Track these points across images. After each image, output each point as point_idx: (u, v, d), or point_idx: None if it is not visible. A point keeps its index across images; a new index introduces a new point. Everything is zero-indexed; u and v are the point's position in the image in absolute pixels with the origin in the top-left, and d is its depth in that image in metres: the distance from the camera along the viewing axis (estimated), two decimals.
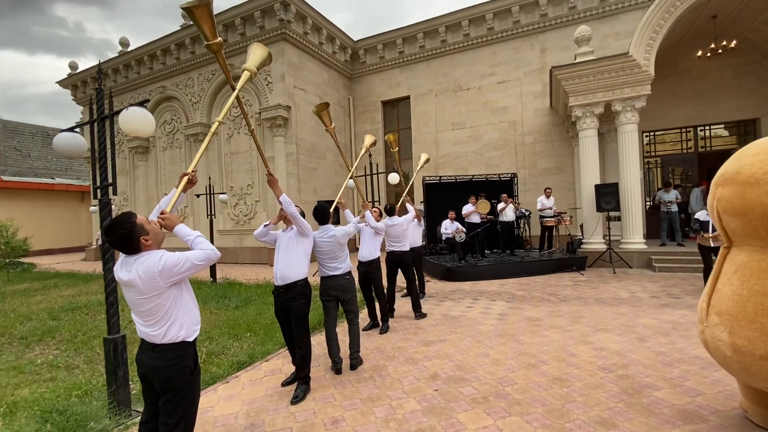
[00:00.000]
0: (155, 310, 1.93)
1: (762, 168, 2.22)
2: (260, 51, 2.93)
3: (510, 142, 13.24)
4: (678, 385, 3.25)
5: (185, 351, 2.01)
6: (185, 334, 2.00)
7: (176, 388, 1.97)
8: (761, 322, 2.19)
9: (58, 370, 4.23)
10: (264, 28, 12.53)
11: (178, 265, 1.92)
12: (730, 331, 2.33)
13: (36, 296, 8.54)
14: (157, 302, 1.92)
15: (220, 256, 2.08)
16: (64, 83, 17.95)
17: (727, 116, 11.03)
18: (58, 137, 3.39)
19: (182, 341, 2.00)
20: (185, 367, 1.99)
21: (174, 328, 1.97)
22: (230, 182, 13.74)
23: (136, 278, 1.88)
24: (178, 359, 1.97)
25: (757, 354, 2.19)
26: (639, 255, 9.04)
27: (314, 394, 3.41)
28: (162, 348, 1.96)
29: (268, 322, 5.41)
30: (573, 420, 2.78)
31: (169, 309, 1.96)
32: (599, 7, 11.91)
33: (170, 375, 1.95)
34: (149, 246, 1.96)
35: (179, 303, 2.00)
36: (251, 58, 2.91)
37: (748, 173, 2.28)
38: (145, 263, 1.89)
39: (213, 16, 2.39)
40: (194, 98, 14.38)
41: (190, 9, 2.29)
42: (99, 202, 3.22)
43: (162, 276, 1.88)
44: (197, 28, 2.42)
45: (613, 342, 4.33)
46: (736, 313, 2.31)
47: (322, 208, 3.90)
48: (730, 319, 2.34)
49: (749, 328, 2.23)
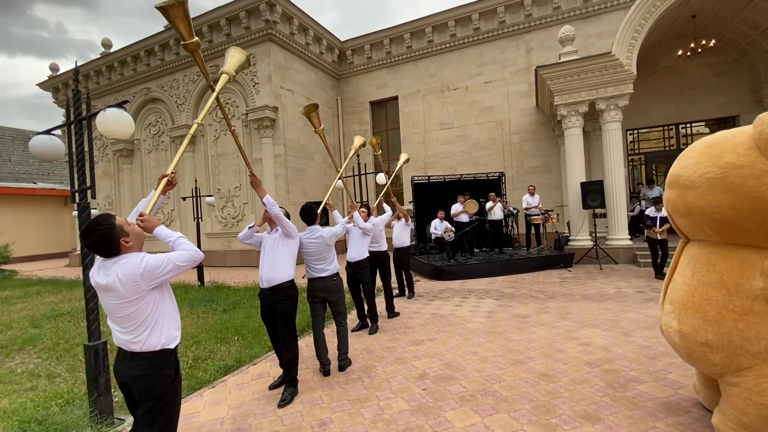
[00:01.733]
0: (135, 315, 1.85)
1: (696, 171, 2.30)
2: (238, 54, 2.90)
3: (497, 141, 13.34)
4: (661, 378, 3.30)
5: (166, 359, 1.93)
6: (165, 340, 1.92)
7: (156, 398, 1.89)
8: (704, 311, 2.30)
9: (39, 379, 4.13)
10: (250, 28, 12.42)
11: (160, 267, 1.84)
12: (678, 318, 2.45)
13: (17, 304, 8.32)
14: (137, 306, 1.84)
15: (203, 257, 2.01)
16: (44, 85, 17.54)
17: (707, 114, 11.28)
18: (34, 140, 3.30)
19: (163, 349, 1.91)
20: (165, 376, 1.91)
21: (154, 334, 1.89)
22: (217, 184, 13.58)
23: (115, 282, 1.80)
24: (157, 368, 1.89)
25: (698, 341, 2.32)
26: (624, 251, 9.18)
27: (302, 396, 3.38)
28: (141, 356, 1.88)
29: (256, 326, 5.35)
30: (559, 415, 2.81)
31: (150, 314, 1.88)
32: (582, 7, 12.08)
33: (150, 384, 1.88)
34: (130, 248, 1.89)
35: (160, 307, 1.92)
36: (229, 61, 2.88)
37: (685, 176, 2.38)
38: (125, 265, 1.82)
39: (189, 16, 2.35)
40: (179, 100, 14.18)
41: (165, 8, 2.25)
42: (77, 206, 3.15)
43: (144, 278, 1.81)
44: (174, 28, 2.38)
45: (599, 337, 4.39)
46: (684, 302, 2.43)
47: (310, 208, 3.87)
48: (679, 308, 2.46)
49: (694, 316, 2.35)
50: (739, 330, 2.17)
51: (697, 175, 2.29)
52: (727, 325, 2.21)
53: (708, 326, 2.28)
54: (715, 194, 2.21)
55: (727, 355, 2.23)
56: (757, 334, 2.13)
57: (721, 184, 2.17)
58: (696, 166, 2.32)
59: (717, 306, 2.26)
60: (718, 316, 2.24)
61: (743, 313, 2.17)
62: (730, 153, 2.16)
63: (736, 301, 2.20)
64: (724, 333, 2.21)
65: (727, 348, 2.21)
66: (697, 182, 2.29)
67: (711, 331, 2.26)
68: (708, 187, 2.24)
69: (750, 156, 2.08)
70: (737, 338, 2.18)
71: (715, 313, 2.26)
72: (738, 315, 2.18)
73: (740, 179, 2.09)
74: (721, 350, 2.24)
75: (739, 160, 2.11)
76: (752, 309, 2.15)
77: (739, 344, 2.18)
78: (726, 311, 2.22)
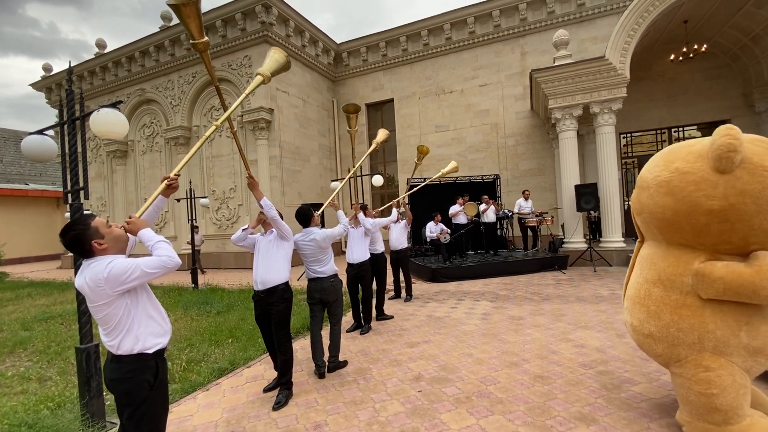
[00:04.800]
0: (107, 319, 1.81)
1: (652, 173, 2.49)
2: (278, 56, 2.74)
3: (492, 144, 13.41)
4: (655, 379, 3.32)
5: (144, 364, 1.86)
6: (143, 346, 1.86)
7: (134, 403, 1.84)
8: (647, 305, 2.50)
9: (30, 383, 4.07)
10: (245, 30, 12.40)
11: (126, 273, 1.76)
12: (630, 312, 2.66)
13: (8, 306, 8.22)
14: (106, 312, 1.79)
15: (179, 264, 1.92)
16: (37, 86, 17.39)
17: (699, 118, 11.42)
18: (26, 140, 3.26)
19: (140, 353, 1.85)
20: (143, 381, 1.85)
21: (128, 339, 1.83)
22: (212, 186, 13.51)
23: (84, 285, 1.77)
24: (134, 372, 1.84)
25: (644, 333, 2.52)
26: (618, 253, 9.24)
27: (297, 399, 3.36)
28: (120, 359, 1.84)
29: (250, 328, 5.32)
30: (554, 417, 2.82)
31: (122, 319, 1.82)
32: (577, 11, 12.20)
33: (127, 389, 1.83)
34: (104, 250, 1.84)
35: (134, 314, 1.85)
36: (267, 62, 2.73)
37: (643, 178, 2.57)
38: (93, 269, 1.77)
39: (200, 15, 2.33)
40: (174, 101, 14.11)
41: (177, 7, 2.20)
42: (70, 206, 3.12)
43: (108, 284, 1.74)
44: (184, 27, 2.34)
45: (594, 339, 4.41)
46: (634, 298, 2.63)
47: (305, 211, 3.86)
48: (630, 303, 2.66)
49: (640, 310, 2.55)
50: (675, 322, 2.35)
51: (651, 177, 2.48)
52: (665, 318, 2.39)
53: (651, 319, 2.47)
54: (661, 196, 2.38)
55: (667, 345, 2.41)
56: (690, 326, 2.30)
57: (667, 186, 2.35)
58: (654, 169, 2.50)
59: (657, 301, 2.45)
60: (657, 309, 2.44)
61: (678, 306, 2.35)
62: (682, 160, 2.33)
63: (672, 296, 2.39)
64: (663, 325, 2.40)
65: (666, 339, 2.40)
66: (650, 183, 2.48)
67: (653, 323, 2.46)
68: (657, 189, 2.42)
69: (696, 164, 2.25)
70: (674, 330, 2.36)
71: (655, 307, 2.45)
72: (673, 308, 2.37)
73: (683, 184, 2.27)
74: (662, 341, 2.43)
75: (686, 167, 2.28)
76: (685, 303, 2.33)
77: (675, 335, 2.36)
78: (664, 305, 2.41)
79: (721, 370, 2.23)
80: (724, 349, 2.24)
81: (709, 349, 2.27)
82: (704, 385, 2.26)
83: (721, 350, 2.25)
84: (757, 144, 2.19)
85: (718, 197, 2.14)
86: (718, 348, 2.25)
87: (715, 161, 2.14)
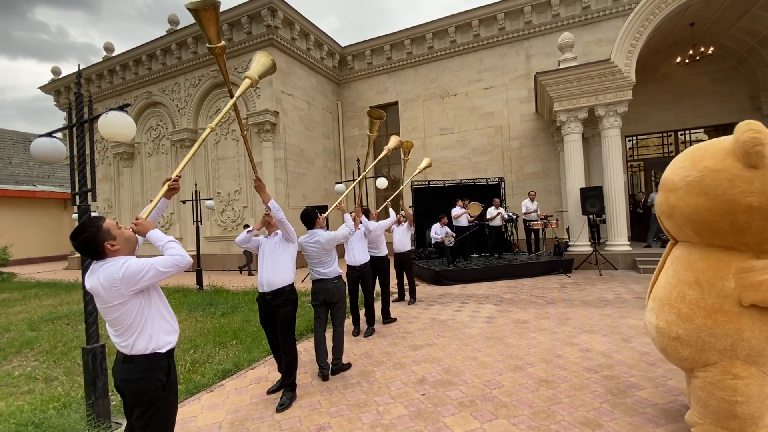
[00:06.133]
0: (120, 320, 1.83)
1: (679, 174, 2.42)
2: (264, 59, 2.82)
3: (497, 146, 13.39)
4: (661, 384, 3.29)
5: (157, 363, 1.89)
6: (155, 345, 1.88)
7: (147, 403, 1.86)
8: (678, 307, 2.41)
9: (36, 382, 4.11)
10: (251, 33, 12.50)
11: (140, 272, 1.79)
12: (657, 314, 2.56)
13: (15, 306, 8.30)
14: (121, 311, 1.81)
15: (190, 263, 1.95)
16: (46, 89, 17.61)
17: (706, 121, 11.33)
18: (35, 142, 3.31)
19: (153, 353, 1.88)
20: (156, 381, 1.88)
21: (142, 339, 1.86)
22: (217, 188, 13.59)
23: (97, 286, 1.78)
24: (148, 372, 1.87)
25: (671, 335, 2.43)
26: (624, 257, 9.18)
27: (300, 401, 3.36)
28: (132, 359, 1.86)
29: (254, 329, 5.33)
30: (559, 421, 2.80)
31: (136, 319, 1.84)
32: (582, 14, 12.17)
33: (140, 388, 1.86)
34: (117, 251, 1.86)
35: (147, 313, 1.88)
36: (253, 66, 2.82)
37: (670, 179, 2.50)
38: (107, 270, 1.79)
39: (219, 20, 2.34)
40: (180, 104, 14.23)
41: (196, 11, 2.21)
42: (78, 208, 3.16)
43: (123, 284, 1.77)
44: (201, 30, 2.35)
45: (599, 343, 4.37)
46: (664, 299, 2.53)
47: (309, 212, 3.88)
48: (659, 304, 2.56)
49: (669, 312, 2.46)
50: (707, 327, 2.27)
51: (679, 178, 2.40)
52: (697, 321, 2.30)
53: (680, 322, 2.38)
54: (693, 196, 2.30)
55: (695, 350, 2.33)
56: (724, 332, 2.22)
57: (699, 186, 2.26)
58: (680, 170, 2.43)
59: (690, 303, 2.35)
60: (690, 312, 2.35)
61: (713, 311, 2.26)
62: (710, 158, 2.26)
63: (708, 300, 2.29)
64: (694, 329, 2.31)
65: (696, 343, 2.31)
66: (678, 185, 2.40)
67: (682, 326, 2.37)
68: (687, 190, 2.33)
69: (726, 161, 2.17)
70: (705, 334, 2.27)
71: (687, 310, 2.36)
72: (708, 313, 2.28)
73: (715, 182, 2.19)
74: (690, 345, 2.34)
75: (716, 165, 2.21)
76: (722, 308, 2.24)
77: (706, 340, 2.27)
78: (697, 309, 2.32)
79: (750, 379, 2.17)
80: (757, 359, 2.17)
81: (742, 357, 2.19)
82: (729, 392, 2.19)
83: (754, 359, 2.17)
84: None
85: (755, 193, 2.06)
86: (751, 357, 2.17)
87: (745, 157, 2.08)
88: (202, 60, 13.56)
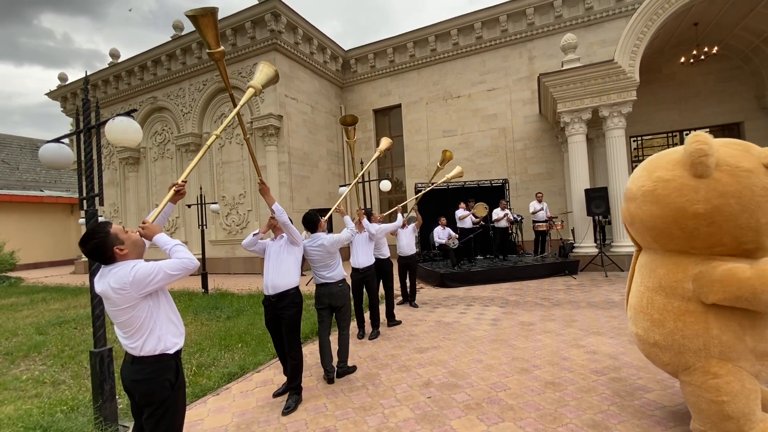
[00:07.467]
0: (131, 322, 1.87)
1: (636, 184, 2.56)
2: (267, 69, 2.90)
3: (501, 148, 13.37)
4: (669, 386, 3.26)
5: (165, 364, 1.94)
6: (164, 346, 1.94)
7: (157, 402, 1.90)
8: (650, 313, 2.50)
9: (44, 386, 4.14)
10: (255, 38, 12.59)
11: (150, 276, 1.84)
12: (634, 322, 2.66)
13: (23, 311, 8.37)
14: (131, 314, 1.86)
15: (198, 266, 2.00)
16: (53, 95, 17.82)
17: (711, 120, 11.26)
18: (43, 148, 3.35)
19: (162, 354, 1.93)
20: (165, 381, 1.93)
21: (151, 340, 1.90)
22: (222, 192, 13.67)
23: (107, 289, 1.82)
24: (157, 372, 1.91)
25: (650, 342, 2.51)
26: (630, 258, 9.10)
27: (306, 404, 3.37)
28: (141, 361, 1.91)
29: (260, 333, 5.35)
30: (566, 424, 2.78)
31: (145, 321, 1.89)
32: (585, 15, 12.16)
33: (150, 389, 1.90)
34: (125, 256, 1.91)
35: (156, 315, 1.93)
36: (257, 75, 2.88)
37: (630, 189, 2.63)
38: (117, 274, 1.83)
39: (217, 26, 2.39)
40: (185, 108, 14.35)
41: (195, 17, 2.28)
42: (85, 213, 3.19)
43: (133, 287, 1.81)
44: (201, 37, 2.41)
45: (606, 345, 4.34)
46: (637, 307, 2.63)
47: (311, 216, 3.88)
48: (634, 312, 2.66)
49: (644, 319, 2.54)
50: (679, 329, 2.34)
51: (636, 187, 2.54)
52: (669, 325, 2.39)
53: (655, 328, 2.46)
54: (648, 205, 2.43)
55: (673, 354, 2.39)
56: (694, 332, 2.29)
57: (652, 195, 2.40)
58: (638, 179, 2.57)
59: (660, 309, 2.45)
60: (661, 318, 2.43)
61: (681, 313, 2.35)
62: (662, 168, 2.40)
63: (674, 303, 2.38)
64: (668, 333, 2.39)
65: (672, 347, 2.38)
66: (636, 194, 2.53)
67: (657, 332, 2.45)
68: (643, 199, 2.46)
69: (675, 171, 2.32)
70: (678, 337, 2.35)
71: (658, 316, 2.44)
72: (677, 316, 2.36)
73: (666, 191, 2.33)
74: (668, 349, 2.41)
75: (667, 175, 2.35)
76: (688, 309, 2.33)
77: (681, 343, 2.34)
78: (667, 313, 2.41)
79: (729, 376, 2.21)
80: (730, 354, 2.22)
81: (716, 355, 2.25)
82: (714, 392, 2.23)
83: (727, 355, 2.23)
84: (732, 146, 2.26)
85: (701, 201, 2.21)
86: (724, 353, 2.23)
87: (691, 167, 2.23)
88: (206, 65, 13.67)
